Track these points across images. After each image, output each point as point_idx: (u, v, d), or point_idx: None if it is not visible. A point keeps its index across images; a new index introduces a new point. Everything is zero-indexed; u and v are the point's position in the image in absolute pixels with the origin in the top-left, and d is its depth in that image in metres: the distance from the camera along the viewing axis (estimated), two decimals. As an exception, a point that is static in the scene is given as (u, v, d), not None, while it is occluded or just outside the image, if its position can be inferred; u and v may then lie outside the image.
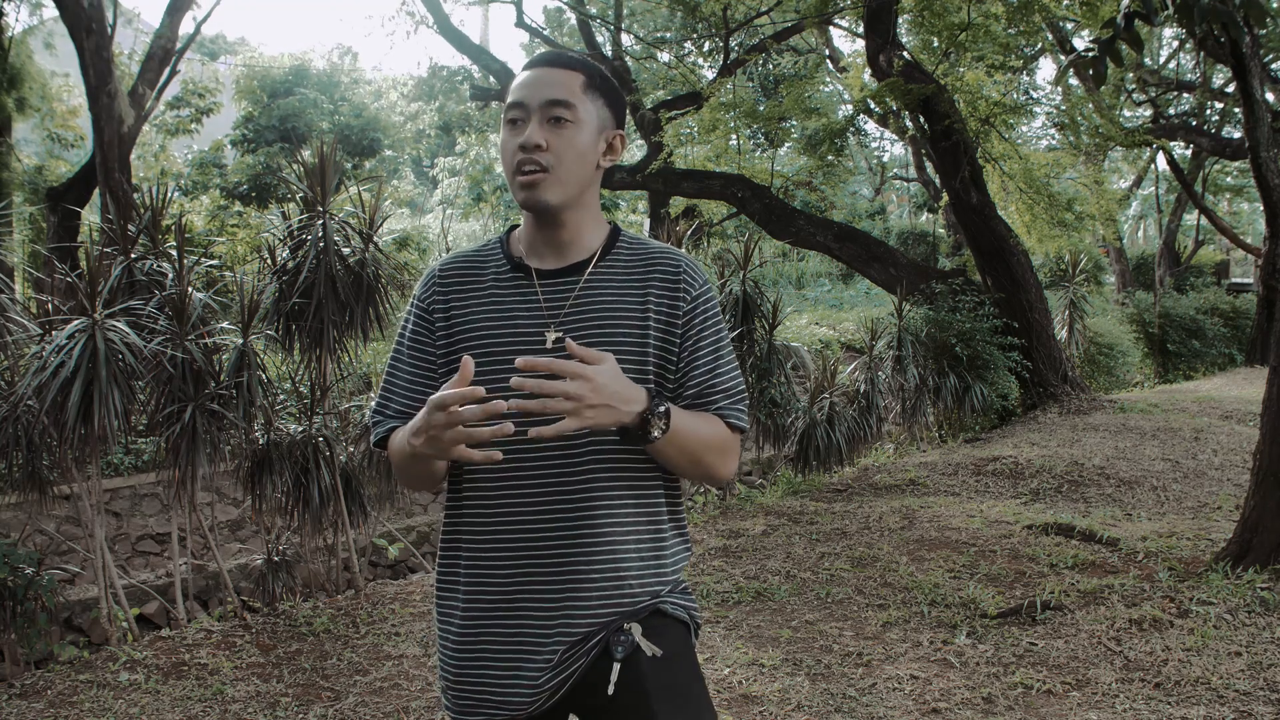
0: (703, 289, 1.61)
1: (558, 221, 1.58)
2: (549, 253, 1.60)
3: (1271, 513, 4.20)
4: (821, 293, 21.11)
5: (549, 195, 1.54)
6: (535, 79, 1.56)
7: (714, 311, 1.62)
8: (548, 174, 1.53)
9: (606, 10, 16.04)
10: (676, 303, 1.58)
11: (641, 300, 1.57)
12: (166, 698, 3.69)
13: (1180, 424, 8.68)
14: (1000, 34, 9.67)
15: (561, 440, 1.52)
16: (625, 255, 1.61)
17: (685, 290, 1.58)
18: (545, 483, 1.53)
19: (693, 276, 1.60)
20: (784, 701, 3.40)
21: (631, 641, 1.51)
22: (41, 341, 4.39)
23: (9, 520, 6.31)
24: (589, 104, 1.56)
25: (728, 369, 1.61)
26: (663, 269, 1.59)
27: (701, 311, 1.60)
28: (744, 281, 7.10)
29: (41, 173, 15.48)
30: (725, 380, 1.60)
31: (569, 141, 1.54)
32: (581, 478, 1.53)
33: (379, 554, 7.54)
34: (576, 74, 1.56)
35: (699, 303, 1.59)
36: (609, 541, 1.53)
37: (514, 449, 1.53)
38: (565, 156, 1.53)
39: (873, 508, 6.24)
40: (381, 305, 5.00)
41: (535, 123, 1.53)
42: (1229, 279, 24.46)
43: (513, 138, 1.55)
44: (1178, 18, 3.39)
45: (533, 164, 1.52)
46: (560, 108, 1.53)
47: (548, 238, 1.59)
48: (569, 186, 1.55)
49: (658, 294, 1.57)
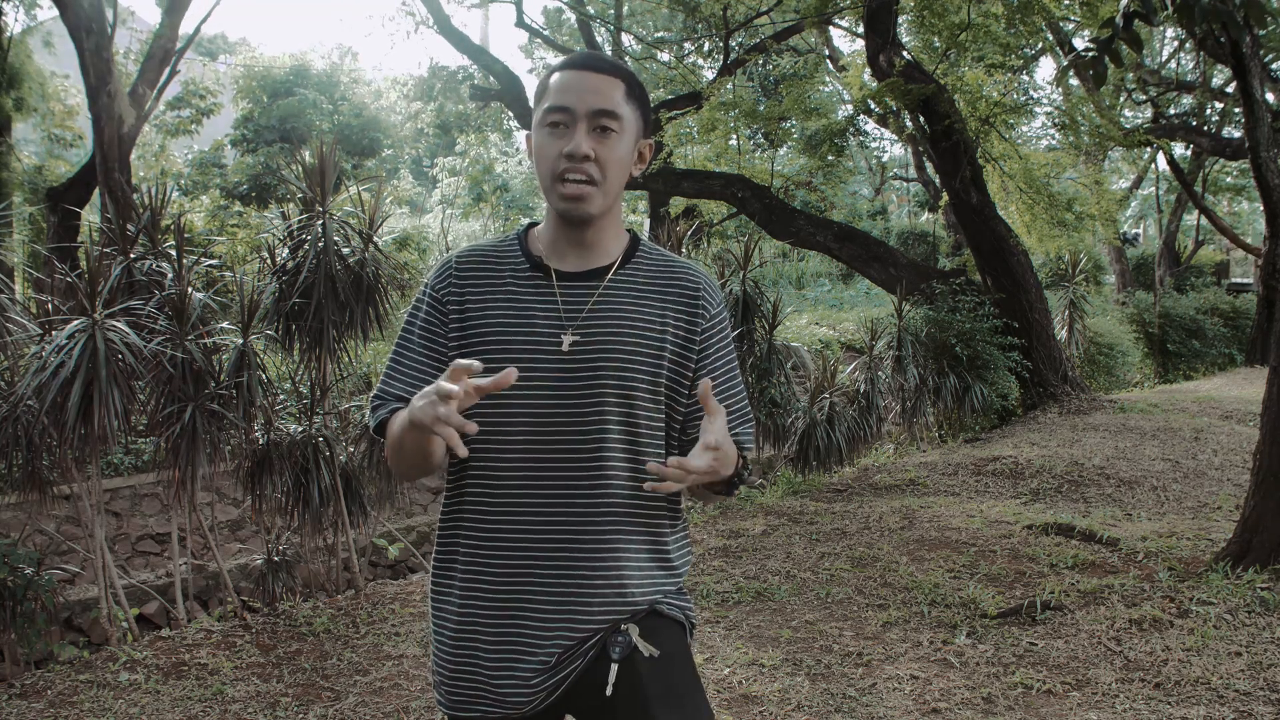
0: (719, 309, 1.64)
1: (591, 227, 1.57)
2: (571, 255, 1.59)
3: (1271, 513, 4.20)
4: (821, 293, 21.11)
5: (594, 208, 1.53)
6: (580, 84, 1.52)
7: (728, 332, 1.66)
8: (595, 187, 1.52)
9: (606, 10, 16.05)
10: (695, 320, 1.59)
11: (660, 312, 1.58)
12: (166, 698, 3.69)
13: (1180, 424, 8.68)
14: (1000, 34, 9.67)
15: (567, 445, 1.53)
16: (645, 265, 1.61)
17: (704, 309, 1.61)
18: (551, 486, 1.53)
19: (711, 296, 1.63)
20: (784, 701, 3.40)
21: (629, 642, 1.52)
22: (41, 341, 4.39)
23: (9, 520, 6.31)
24: (631, 113, 1.55)
25: (738, 390, 1.66)
26: (683, 285, 1.61)
27: (718, 331, 1.63)
28: (744, 281, 7.10)
29: (41, 173, 15.48)
30: (737, 400, 1.64)
31: (614, 152, 1.53)
32: (588, 483, 1.52)
33: (379, 554, 7.53)
34: (619, 81, 1.55)
35: (716, 322, 1.62)
36: (614, 547, 1.53)
37: (519, 451, 1.53)
38: (611, 168, 1.53)
39: (873, 508, 6.24)
40: (381, 305, 5.00)
41: (583, 131, 1.51)
42: (1229, 279, 24.45)
43: (554, 142, 1.52)
44: (1178, 18, 3.39)
45: (581, 174, 1.51)
46: (608, 118, 1.52)
47: (572, 239, 1.58)
48: (610, 197, 1.55)
49: (676, 309, 1.59)
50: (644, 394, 1.55)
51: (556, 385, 1.52)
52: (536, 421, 1.53)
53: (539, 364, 1.53)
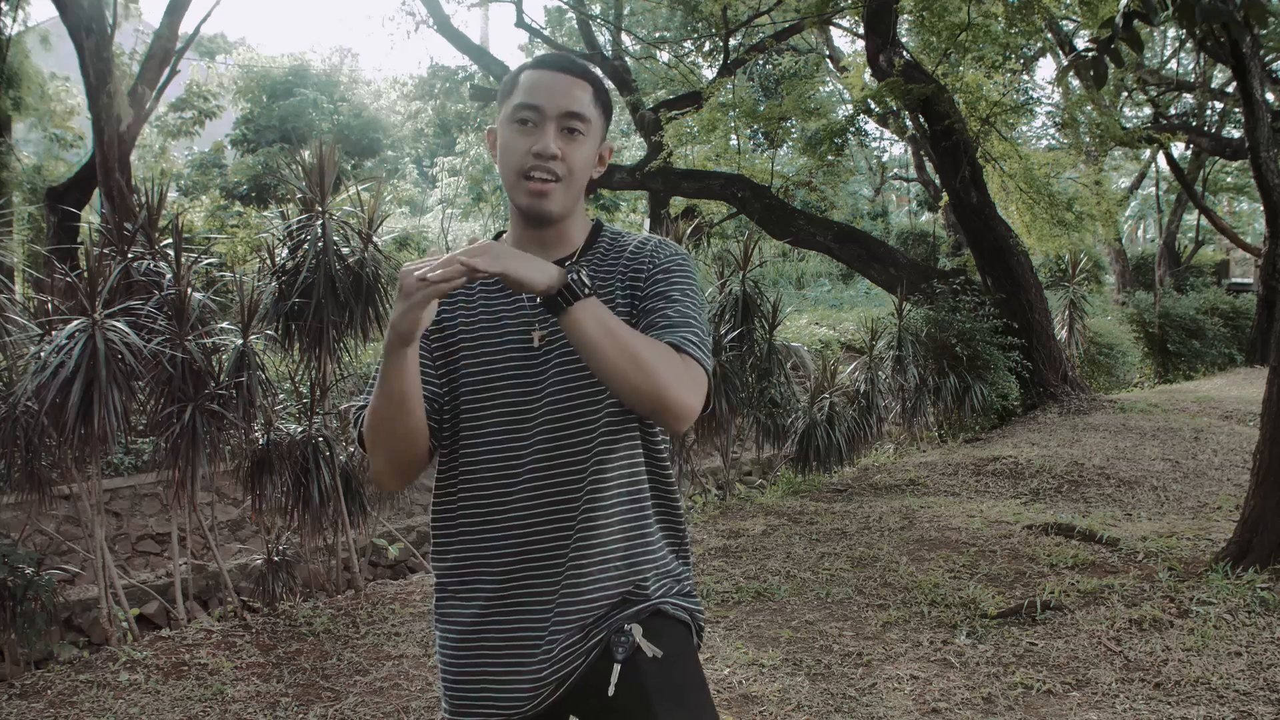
0: (668, 259, 1.58)
1: (552, 226, 1.60)
2: (534, 252, 1.60)
3: (1271, 513, 4.20)
4: (821, 293, 21.11)
5: (555, 205, 1.56)
6: (552, 84, 1.55)
7: (678, 272, 1.57)
8: (559, 184, 1.54)
9: (607, 10, 16.04)
10: (639, 272, 1.58)
11: (617, 286, 1.58)
12: (166, 698, 3.69)
13: (1180, 424, 8.68)
14: (1000, 34, 9.67)
15: (548, 438, 1.54)
16: (604, 249, 1.62)
17: (650, 259, 1.58)
18: (537, 479, 1.54)
19: (660, 250, 1.59)
20: (784, 701, 3.40)
21: (632, 643, 1.52)
22: (41, 341, 4.39)
23: (9, 520, 6.30)
24: (596, 117, 1.59)
25: (680, 311, 1.53)
26: (632, 250, 1.60)
27: (662, 270, 1.57)
28: (744, 281, 7.10)
29: (40, 173, 15.48)
30: (671, 315, 1.52)
31: (580, 153, 1.56)
32: (572, 471, 1.54)
33: (379, 554, 7.53)
34: (589, 85, 1.58)
35: (660, 268, 1.57)
36: (600, 529, 1.54)
37: (501, 450, 1.55)
38: (576, 168, 1.56)
39: (873, 508, 6.24)
40: (381, 305, 5.00)
41: (552, 132, 1.53)
42: (1229, 279, 24.43)
43: (522, 139, 1.54)
44: (1178, 18, 3.39)
45: (546, 172, 1.53)
46: (577, 120, 1.55)
47: (535, 237, 1.61)
48: (573, 197, 1.58)
49: (623, 274, 1.58)
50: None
51: (532, 381, 1.55)
52: (518, 420, 1.55)
53: (513, 363, 1.56)
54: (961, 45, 9.64)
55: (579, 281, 1.38)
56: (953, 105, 9.50)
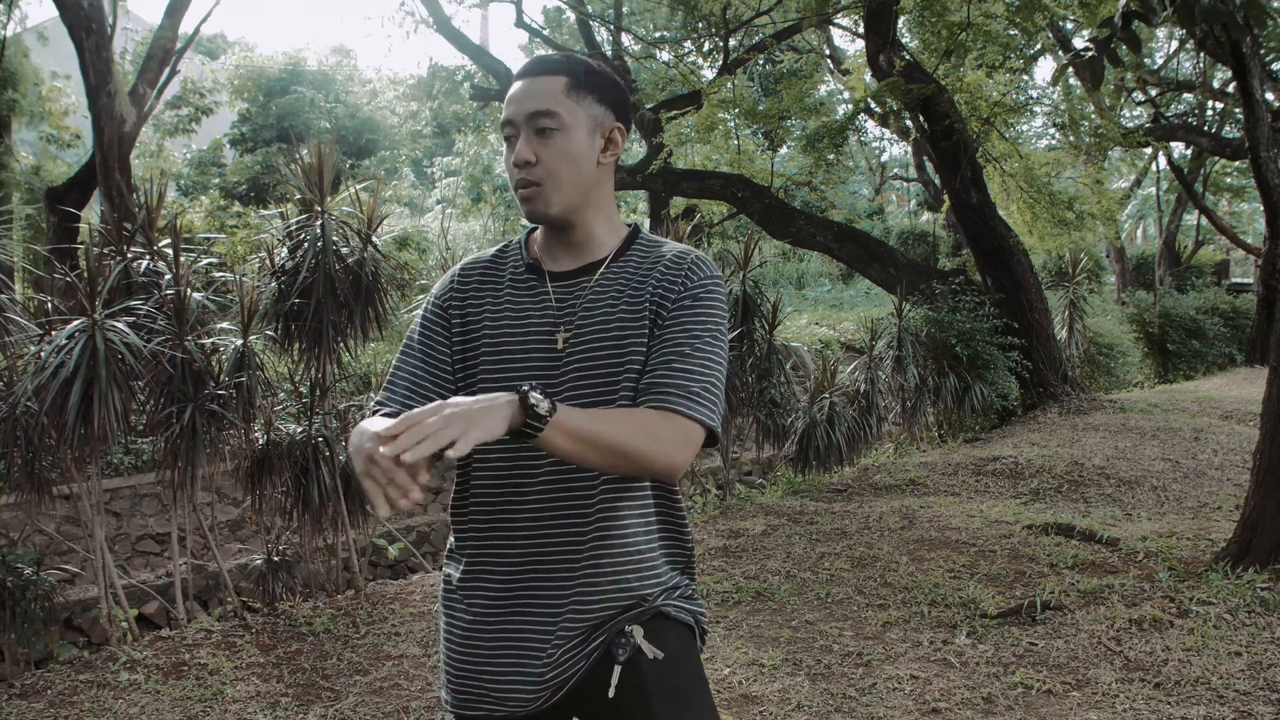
0: (699, 283, 1.54)
1: (567, 225, 1.58)
2: (563, 254, 1.61)
3: (1271, 513, 4.20)
4: (821, 293, 21.13)
5: (545, 207, 1.55)
6: (519, 92, 1.56)
7: (706, 300, 1.53)
8: (540, 187, 1.53)
9: (606, 10, 16.04)
10: (671, 288, 1.54)
11: (647, 295, 1.54)
12: (166, 698, 3.69)
13: (1180, 424, 8.68)
14: (1000, 34, 9.67)
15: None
16: (639, 256, 1.59)
17: (684, 278, 1.54)
18: (551, 482, 1.53)
19: (695, 271, 1.55)
20: (784, 701, 3.40)
21: (633, 644, 1.51)
22: (41, 342, 4.39)
23: (9, 520, 6.31)
24: (575, 106, 1.54)
25: (696, 368, 1.48)
26: (668, 263, 1.56)
27: (691, 296, 1.52)
28: (744, 281, 7.10)
29: (39, 173, 15.47)
30: (685, 375, 1.47)
31: (558, 150, 1.53)
32: (587, 477, 1.52)
33: (379, 554, 7.53)
34: (559, 78, 1.55)
35: (690, 291, 1.53)
36: (613, 539, 1.53)
37: (518, 451, 1.54)
38: (556, 166, 1.53)
39: (873, 508, 6.24)
40: (381, 305, 4.99)
41: (524, 137, 1.53)
42: (1229, 279, 24.45)
43: (509, 153, 1.56)
44: (1177, 18, 3.38)
45: (523, 181, 1.54)
46: (543, 118, 1.53)
47: (560, 239, 1.60)
48: (566, 193, 1.55)
49: (655, 286, 1.54)
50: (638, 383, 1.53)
51: (551, 382, 1.53)
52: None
53: (534, 362, 1.54)
54: (962, 45, 9.65)
55: (536, 414, 1.31)
56: (953, 105, 9.50)
